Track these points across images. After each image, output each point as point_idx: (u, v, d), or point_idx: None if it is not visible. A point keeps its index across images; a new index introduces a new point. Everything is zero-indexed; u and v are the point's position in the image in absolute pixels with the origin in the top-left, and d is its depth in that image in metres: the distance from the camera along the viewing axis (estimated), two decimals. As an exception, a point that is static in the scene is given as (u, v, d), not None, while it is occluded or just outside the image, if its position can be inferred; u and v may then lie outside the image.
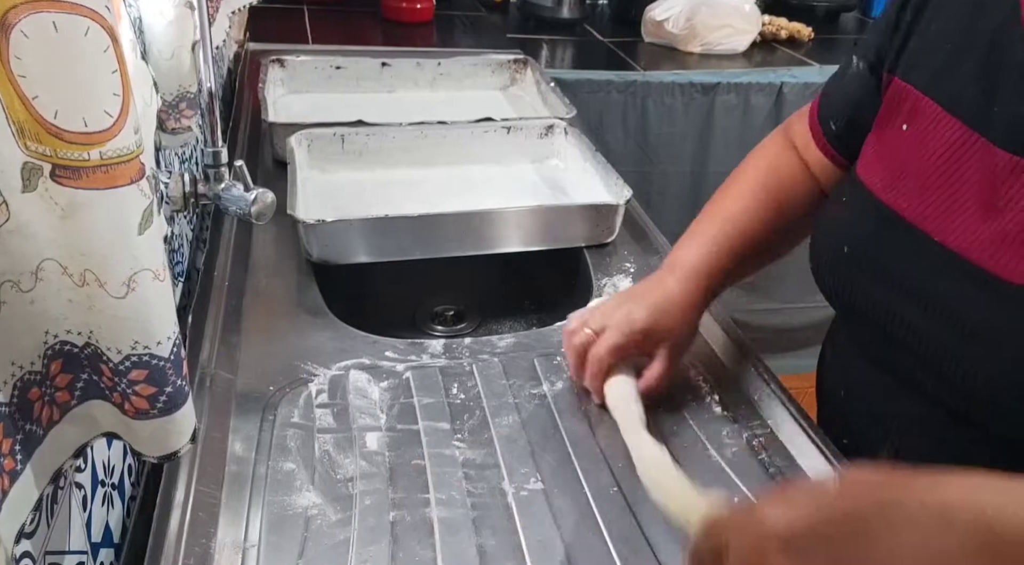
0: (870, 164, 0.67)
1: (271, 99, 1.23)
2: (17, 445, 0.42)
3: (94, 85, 0.39)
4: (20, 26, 0.36)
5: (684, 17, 1.97)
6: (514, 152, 1.18)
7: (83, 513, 0.58)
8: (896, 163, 0.64)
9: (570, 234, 1.00)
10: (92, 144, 0.40)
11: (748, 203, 0.76)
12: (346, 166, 1.12)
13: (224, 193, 0.74)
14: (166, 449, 0.51)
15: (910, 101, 0.64)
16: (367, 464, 0.65)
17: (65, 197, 0.40)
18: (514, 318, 1.10)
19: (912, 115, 0.63)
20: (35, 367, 0.44)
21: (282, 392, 0.72)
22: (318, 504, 0.61)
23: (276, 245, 0.96)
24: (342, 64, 1.42)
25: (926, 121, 0.62)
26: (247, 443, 0.66)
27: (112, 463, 0.66)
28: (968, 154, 0.58)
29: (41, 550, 0.49)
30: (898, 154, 0.64)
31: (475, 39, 1.90)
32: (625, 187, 1.00)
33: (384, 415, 0.71)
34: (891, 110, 0.66)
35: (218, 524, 0.59)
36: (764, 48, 2.08)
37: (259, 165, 1.16)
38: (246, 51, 1.64)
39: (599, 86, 1.77)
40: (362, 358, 0.78)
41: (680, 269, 0.74)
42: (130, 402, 0.48)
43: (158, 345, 0.46)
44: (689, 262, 0.74)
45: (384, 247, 0.94)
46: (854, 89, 0.72)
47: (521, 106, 1.43)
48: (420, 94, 1.45)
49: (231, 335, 0.79)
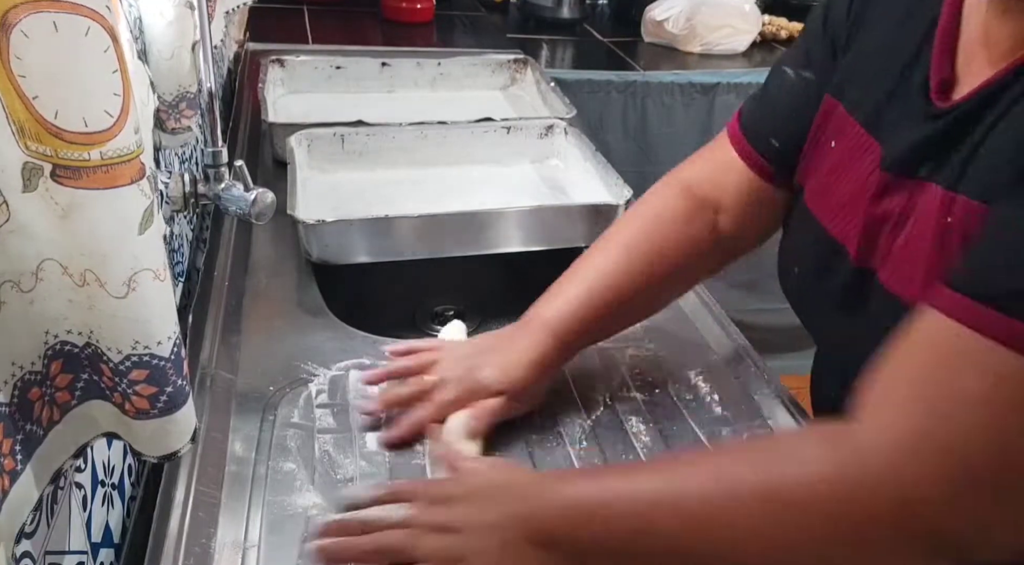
0: (807, 181, 0.67)
1: (271, 99, 1.23)
2: (17, 445, 0.42)
3: (94, 85, 0.39)
4: (21, 26, 0.36)
5: (684, 17, 1.97)
6: (514, 152, 1.18)
7: (83, 513, 0.58)
8: (826, 181, 0.64)
9: (570, 234, 1.00)
10: (92, 144, 0.40)
11: (619, 257, 0.72)
12: (346, 166, 1.12)
13: (224, 193, 0.74)
14: (166, 449, 0.51)
15: (836, 118, 0.64)
16: (367, 464, 0.65)
17: (65, 197, 0.40)
18: (514, 318, 1.08)
19: (839, 134, 0.64)
20: (35, 367, 0.44)
21: (282, 392, 0.72)
22: (318, 504, 0.61)
23: (276, 245, 0.96)
24: (342, 64, 1.42)
25: (850, 141, 0.62)
26: (247, 443, 0.66)
27: (112, 463, 0.66)
28: (875, 173, 0.59)
29: (41, 550, 0.49)
30: (826, 172, 0.64)
31: (475, 39, 1.90)
32: (625, 187, 1.00)
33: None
34: (821, 126, 0.66)
35: (218, 524, 0.59)
36: (764, 48, 2.08)
37: (259, 165, 1.16)
38: (246, 51, 1.64)
39: (599, 86, 1.77)
40: (362, 358, 0.78)
41: (534, 324, 0.71)
42: (130, 402, 0.48)
43: (158, 345, 0.46)
44: (544, 317, 0.71)
45: (384, 247, 0.94)
46: (792, 101, 0.70)
47: (521, 106, 1.43)
48: (420, 94, 1.45)
49: (231, 335, 0.79)
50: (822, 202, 0.65)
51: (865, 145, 0.60)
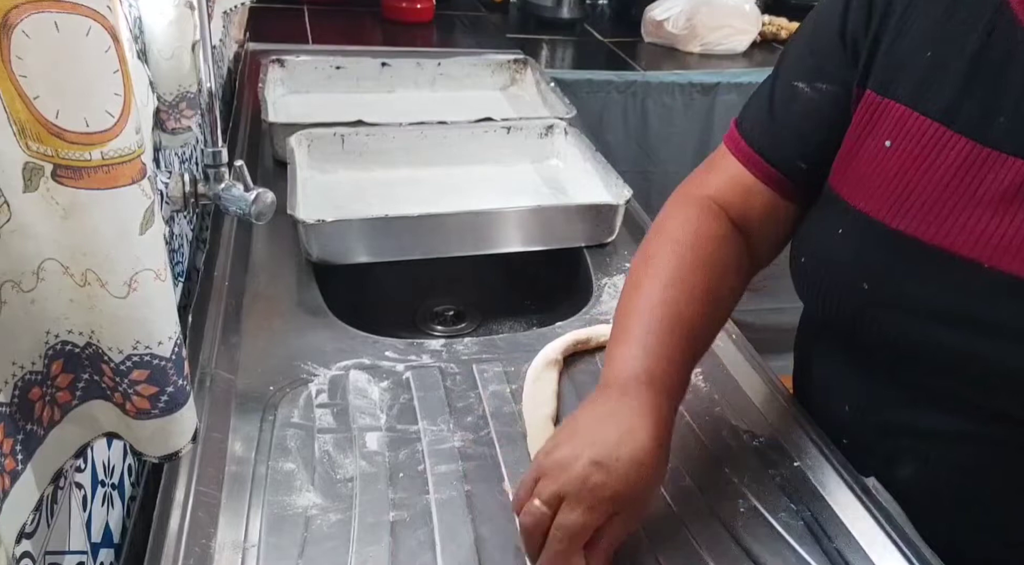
0: (857, 186, 0.63)
1: (271, 99, 1.23)
2: (18, 445, 0.42)
3: (95, 85, 0.39)
4: (22, 26, 0.36)
5: (684, 17, 1.97)
6: (514, 152, 1.18)
7: (83, 513, 0.58)
8: (893, 184, 0.61)
9: (570, 234, 1.00)
10: (93, 144, 0.40)
11: (680, 292, 0.63)
12: (346, 166, 1.12)
13: (224, 193, 0.74)
14: (167, 449, 0.51)
15: (892, 116, 0.61)
16: (367, 464, 0.65)
17: (66, 197, 0.40)
18: (514, 318, 1.10)
19: (898, 131, 0.61)
20: (36, 367, 0.44)
21: (282, 392, 0.72)
22: (318, 504, 0.61)
23: (276, 245, 0.96)
24: (342, 64, 1.42)
25: (923, 138, 0.59)
26: (247, 443, 0.66)
27: (112, 463, 0.66)
28: (982, 169, 0.56)
29: (41, 550, 0.49)
30: (891, 173, 0.61)
31: (475, 39, 1.90)
32: (625, 187, 1.00)
33: (384, 415, 0.71)
34: (866, 126, 0.63)
35: (218, 524, 0.59)
36: (764, 48, 2.08)
37: (259, 165, 1.16)
38: (246, 51, 1.64)
39: (599, 86, 1.77)
40: (362, 358, 0.78)
41: (632, 388, 0.58)
42: (131, 402, 0.48)
43: (159, 345, 0.46)
44: (640, 378, 0.58)
45: (384, 247, 0.94)
46: (817, 118, 0.67)
47: (521, 106, 1.43)
48: (420, 94, 1.45)
49: (231, 335, 0.79)
50: (897, 207, 0.60)
51: (944, 140, 0.58)
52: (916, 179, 0.60)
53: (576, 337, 0.81)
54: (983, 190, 0.56)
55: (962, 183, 0.57)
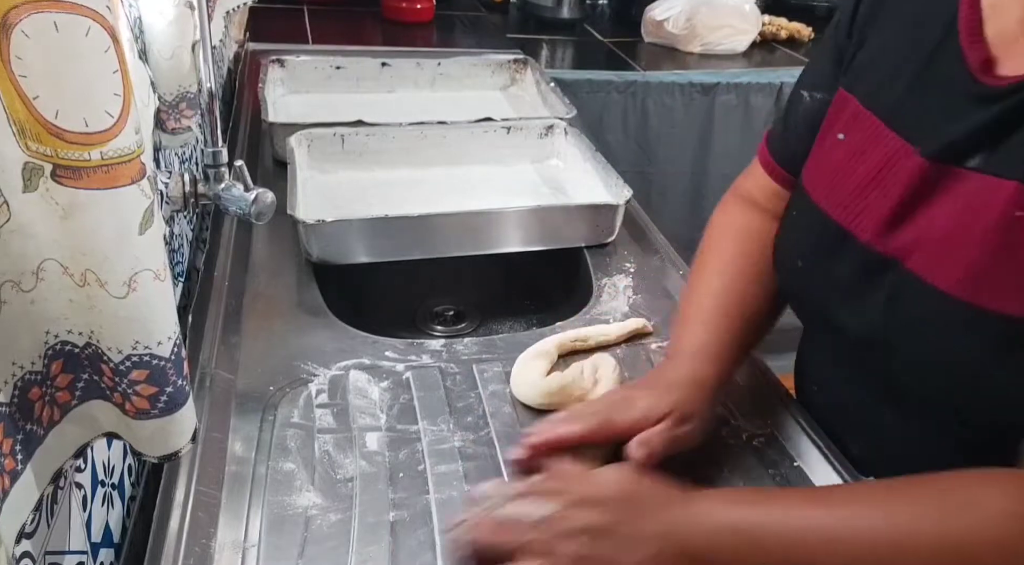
0: (811, 173, 0.68)
1: (271, 99, 1.23)
2: (18, 445, 0.42)
3: (95, 85, 0.39)
4: (21, 26, 0.36)
5: (684, 17, 1.97)
6: (514, 152, 1.18)
7: (83, 513, 0.58)
8: (834, 172, 0.64)
9: (570, 234, 1.00)
10: (93, 144, 0.40)
11: (731, 277, 0.72)
12: (346, 166, 1.12)
13: (224, 193, 0.74)
14: (167, 449, 0.51)
15: (849, 111, 0.64)
16: (367, 464, 0.65)
17: (66, 197, 0.40)
18: (514, 318, 1.10)
19: (850, 125, 0.64)
20: (36, 367, 0.44)
21: (282, 392, 0.72)
22: (318, 504, 0.61)
23: (276, 245, 0.96)
24: (342, 64, 1.42)
25: (865, 133, 0.62)
26: (247, 443, 0.66)
27: (112, 463, 0.66)
28: (902, 164, 0.58)
29: (41, 550, 0.49)
30: (835, 163, 0.65)
31: (475, 39, 1.90)
32: (625, 187, 1.00)
33: (384, 415, 0.71)
34: (832, 118, 0.67)
35: (218, 524, 0.59)
36: (764, 48, 2.08)
37: (259, 165, 1.16)
38: (246, 51, 1.64)
39: (599, 86, 1.77)
40: (362, 358, 0.78)
41: (681, 356, 0.68)
42: (131, 402, 0.48)
43: (159, 345, 0.46)
44: (687, 349, 0.68)
45: (384, 247, 0.94)
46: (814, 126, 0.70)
47: (521, 106, 1.43)
48: (420, 94, 1.45)
49: (231, 335, 0.79)
50: (830, 193, 0.65)
51: (881, 136, 0.60)
52: (849, 167, 0.63)
53: (576, 334, 0.81)
54: (898, 184, 0.59)
55: (884, 175, 0.60)
